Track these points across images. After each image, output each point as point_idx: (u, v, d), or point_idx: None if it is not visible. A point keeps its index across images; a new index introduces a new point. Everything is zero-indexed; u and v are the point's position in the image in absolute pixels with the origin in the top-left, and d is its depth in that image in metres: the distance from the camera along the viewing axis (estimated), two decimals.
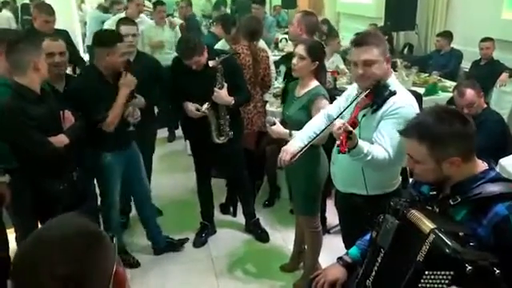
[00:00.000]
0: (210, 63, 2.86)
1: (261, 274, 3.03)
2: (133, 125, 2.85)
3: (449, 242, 1.12)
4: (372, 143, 1.91)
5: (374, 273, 1.36)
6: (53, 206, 2.35)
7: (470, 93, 3.02)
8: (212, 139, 3.03)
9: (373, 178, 2.03)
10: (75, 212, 0.98)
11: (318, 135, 2.11)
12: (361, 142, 1.83)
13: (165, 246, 3.24)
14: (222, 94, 2.91)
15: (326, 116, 2.28)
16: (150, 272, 2.97)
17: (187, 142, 4.93)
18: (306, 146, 2.13)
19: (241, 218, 3.58)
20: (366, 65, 1.93)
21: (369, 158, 1.85)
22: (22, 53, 2.19)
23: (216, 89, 2.90)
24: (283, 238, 3.42)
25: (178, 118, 5.33)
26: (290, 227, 3.31)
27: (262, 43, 3.86)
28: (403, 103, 1.89)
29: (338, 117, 1.96)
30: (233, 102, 2.96)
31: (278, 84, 4.35)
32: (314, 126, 2.26)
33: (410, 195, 1.52)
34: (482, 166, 1.41)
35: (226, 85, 2.92)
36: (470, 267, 1.06)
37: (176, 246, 3.28)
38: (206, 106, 2.91)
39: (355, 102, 1.97)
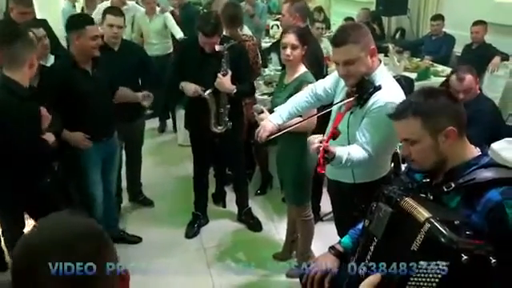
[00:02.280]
0: (217, 47, 2.79)
1: (253, 263, 3.00)
2: (149, 108, 2.83)
3: (444, 232, 1.09)
4: None
5: (366, 261, 1.33)
6: (38, 198, 2.29)
7: (469, 78, 2.99)
8: (210, 127, 2.98)
9: (360, 169, 2.01)
10: (74, 209, 0.95)
11: (297, 124, 2.08)
12: (339, 152, 1.81)
13: (116, 237, 3.11)
14: (225, 81, 2.84)
15: (314, 94, 2.25)
16: (141, 263, 2.93)
17: (178, 132, 4.93)
18: (282, 131, 2.11)
19: (232, 208, 3.54)
20: (346, 64, 1.90)
21: (349, 164, 1.85)
22: (21, 48, 2.10)
23: (219, 75, 2.83)
24: (275, 227, 3.39)
25: (168, 108, 5.32)
26: (282, 216, 3.29)
27: (245, 29, 3.78)
28: (384, 101, 1.83)
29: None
30: (235, 90, 2.88)
31: (268, 71, 4.30)
32: (297, 102, 2.25)
33: (402, 183, 1.48)
34: (475, 151, 1.40)
35: (230, 72, 2.84)
36: (465, 257, 1.03)
37: (128, 240, 3.20)
38: (208, 91, 2.86)
39: (337, 106, 1.96)
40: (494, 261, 1.06)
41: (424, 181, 1.43)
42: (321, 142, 1.72)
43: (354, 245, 1.58)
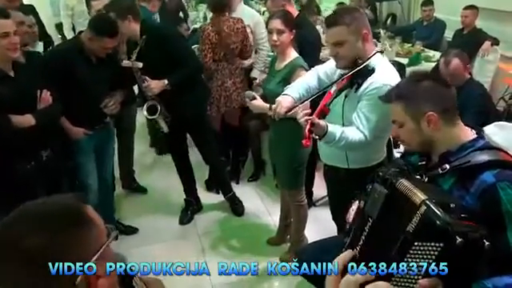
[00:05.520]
0: (124, 63, 2.74)
1: (248, 249, 3.04)
2: (110, 116, 2.76)
3: (440, 214, 1.10)
4: None
5: (361, 242, 1.33)
6: (23, 186, 2.25)
7: (456, 63, 2.98)
8: (164, 132, 3.00)
9: (355, 154, 2.03)
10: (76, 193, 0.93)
11: (313, 96, 2.05)
12: (332, 128, 1.82)
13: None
14: (152, 86, 2.79)
15: (317, 75, 2.24)
16: (135, 250, 2.94)
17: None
18: (302, 101, 2.05)
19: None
20: (336, 45, 1.91)
21: (342, 142, 1.85)
22: None
23: (144, 86, 2.79)
24: (269, 212, 3.42)
25: None
26: (276, 201, 3.31)
27: (257, 18, 3.73)
28: (380, 83, 1.84)
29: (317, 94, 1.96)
30: (166, 83, 2.81)
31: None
32: (306, 82, 2.23)
33: (398, 165, 1.49)
34: (470, 134, 1.41)
35: (147, 78, 2.79)
36: (460, 239, 1.04)
37: (123, 231, 3.17)
38: (145, 108, 2.87)
39: (329, 87, 1.94)
40: (487, 243, 1.07)
41: (419, 163, 1.45)
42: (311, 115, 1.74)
43: None
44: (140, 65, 2.75)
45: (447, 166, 1.34)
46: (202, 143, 3.28)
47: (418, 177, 1.39)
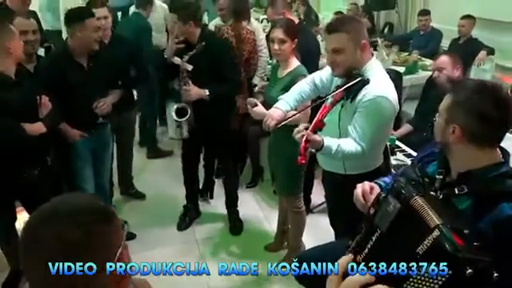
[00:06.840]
0: (175, 60, 2.78)
1: (245, 255, 3.04)
2: (101, 117, 2.78)
3: (453, 242, 1.07)
4: None
5: (366, 250, 1.31)
6: (26, 189, 2.29)
7: (443, 58, 3.08)
8: (183, 137, 3.01)
9: (352, 161, 2.04)
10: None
11: (303, 109, 2.09)
12: (328, 142, 1.83)
13: None
14: (192, 92, 2.81)
15: (313, 82, 2.27)
16: (133, 256, 2.91)
17: (169, 125, 4.89)
18: (290, 117, 2.10)
19: (224, 200, 3.56)
20: (334, 52, 1.92)
21: (339, 155, 1.87)
22: None
23: (184, 88, 2.82)
24: (267, 219, 3.43)
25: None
26: (273, 208, 3.32)
27: (255, 24, 3.79)
28: (373, 95, 1.86)
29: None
30: (207, 93, 2.83)
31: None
32: (301, 89, 2.26)
33: (413, 178, 1.44)
34: (496, 157, 1.35)
35: (190, 82, 2.82)
36: (470, 270, 1.02)
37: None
38: (186, 125, 2.91)
39: (327, 98, 1.98)
40: (496, 275, 1.05)
41: (437, 177, 1.41)
42: (306, 129, 1.76)
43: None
44: (190, 67, 2.77)
45: (465, 189, 1.30)
46: (223, 156, 3.29)
47: (432, 193, 1.36)
